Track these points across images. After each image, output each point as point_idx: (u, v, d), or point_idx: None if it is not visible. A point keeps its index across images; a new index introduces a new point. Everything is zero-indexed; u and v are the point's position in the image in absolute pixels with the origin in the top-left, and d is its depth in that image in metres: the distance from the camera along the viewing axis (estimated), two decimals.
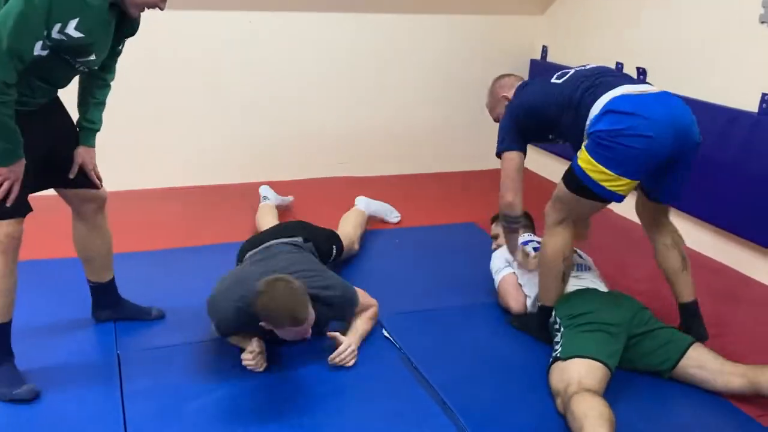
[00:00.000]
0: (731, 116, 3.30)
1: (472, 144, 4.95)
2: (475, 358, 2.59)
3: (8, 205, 2.07)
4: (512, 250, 2.93)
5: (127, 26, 2.20)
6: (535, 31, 4.85)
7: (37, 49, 1.94)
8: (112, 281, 2.64)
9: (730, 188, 3.34)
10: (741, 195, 3.31)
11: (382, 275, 3.23)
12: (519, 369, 2.53)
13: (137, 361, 2.45)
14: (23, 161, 2.07)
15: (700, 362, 2.38)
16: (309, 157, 4.54)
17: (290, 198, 3.92)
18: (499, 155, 2.75)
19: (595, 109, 2.41)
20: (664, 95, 2.43)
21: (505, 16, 4.76)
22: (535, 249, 2.95)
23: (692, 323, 2.64)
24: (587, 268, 2.86)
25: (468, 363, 2.55)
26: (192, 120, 4.21)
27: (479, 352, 2.63)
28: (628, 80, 2.51)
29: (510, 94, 2.83)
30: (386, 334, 2.70)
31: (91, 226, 2.49)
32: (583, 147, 2.42)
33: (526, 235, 3.18)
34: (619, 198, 2.41)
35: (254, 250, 2.74)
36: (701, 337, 2.56)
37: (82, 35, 1.98)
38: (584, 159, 2.38)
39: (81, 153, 2.33)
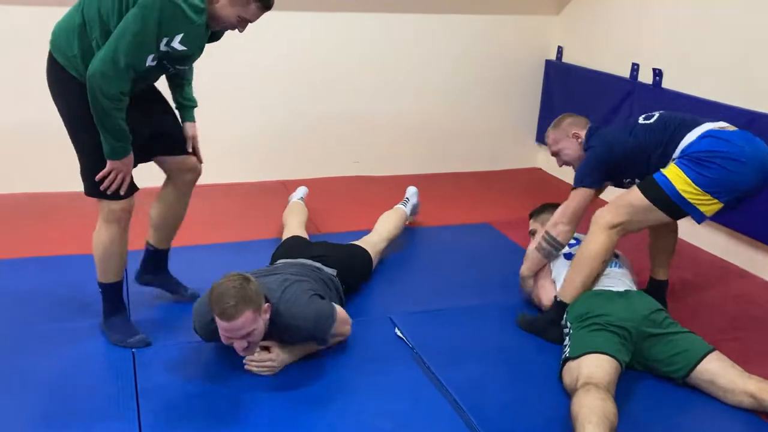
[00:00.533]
0: (750, 118, 3.27)
1: (487, 144, 4.95)
2: (488, 358, 2.58)
3: (121, 193, 2.36)
4: (532, 267, 2.91)
5: (214, 36, 2.44)
6: (550, 32, 4.83)
7: (149, 62, 2.20)
8: (166, 252, 2.78)
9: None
10: (763, 200, 3.26)
11: (395, 274, 3.23)
12: (533, 370, 2.52)
13: (152, 358, 2.46)
14: (132, 155, 2.34)
15: (711, 377, 2.36)
16: (322, 156, 4.55)
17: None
18: (575, 188, 2.77)
19: (687, 140, 2.55)
20: (750, 134, 2.58)
21: (520, 16, 4.74)
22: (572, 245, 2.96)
23: (658, 299, 2.74)
24: (617, 265, 2.83)
25: (481, 363, 2.55)
26: (207, 119, 4.22)
27: (493, 352, 2.62)
28: (712, 120, 2.65)
29: (582, 133, 2.89)
30: (399, 333, 2.70)
31: (180, 194, 2.66)
32: (672, 163, 2.53)
33: None
34: (701, 216, 2.51)
35: (281, 261, 2.80)
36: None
37: (185, 48, 2.23)
38: (675, 173, 2.50)
39: (189, 127, 2.63)
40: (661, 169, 2.55)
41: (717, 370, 2.35)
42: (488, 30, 4.69)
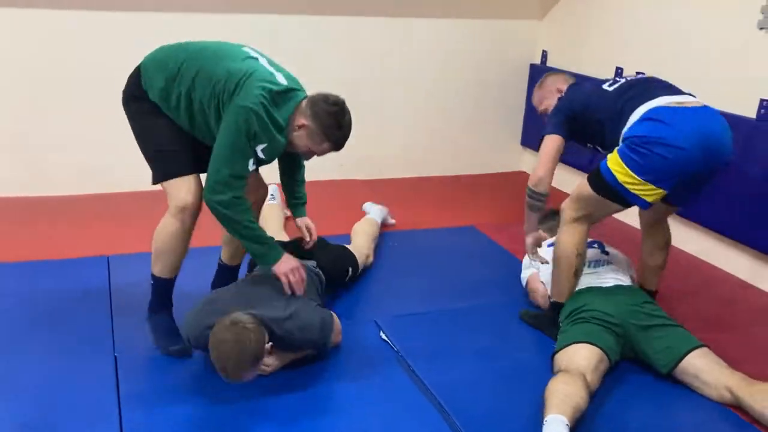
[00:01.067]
0: (730, 122, 3.28)
1: (472, 147, 4.96)
2: (473, 361, 2.59)
3: (300, 291, 2.49)
4: (529, 229, 2.86)
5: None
6: (535, 36, 4.86)
7: (251, 166, 2.35)
8: (237, 267, 2.85)
9: (728, 193, 3.34)
10: (739, 200, 3.31)
11: (380, 277, 3.23)
12: (517, 372, 2.53)
13: (135, 364, 2.45)
14: (291, 258, 2.47)
15: (696, 372, 2.39)
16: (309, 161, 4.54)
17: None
18: (542, 138, 2.77)
19: (635, 116, 2.46)
20: (702, 110, 2.48)
21: (505, 20, 4.77)
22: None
23: None
24: (607, 263, 2.87)
25: (466, 366, 2.55)
26: None
27: (477, 355, 2.63)
28: (673, 91, 2.55)
29: (564, 87, 2.90)
30: (384, 336, 2.70)
31: None
32: (615, 150, 2.46)
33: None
34: (644, 203, 2.45)
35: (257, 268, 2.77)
36: None
37: (263, 157, 2.38)
38: (614, 161, 2.44)
39: (301, 221, 2.78)
40: (608, 156, 2.49)
41: (702, 366, 2.39)
42: (473, 35, 4.70)
